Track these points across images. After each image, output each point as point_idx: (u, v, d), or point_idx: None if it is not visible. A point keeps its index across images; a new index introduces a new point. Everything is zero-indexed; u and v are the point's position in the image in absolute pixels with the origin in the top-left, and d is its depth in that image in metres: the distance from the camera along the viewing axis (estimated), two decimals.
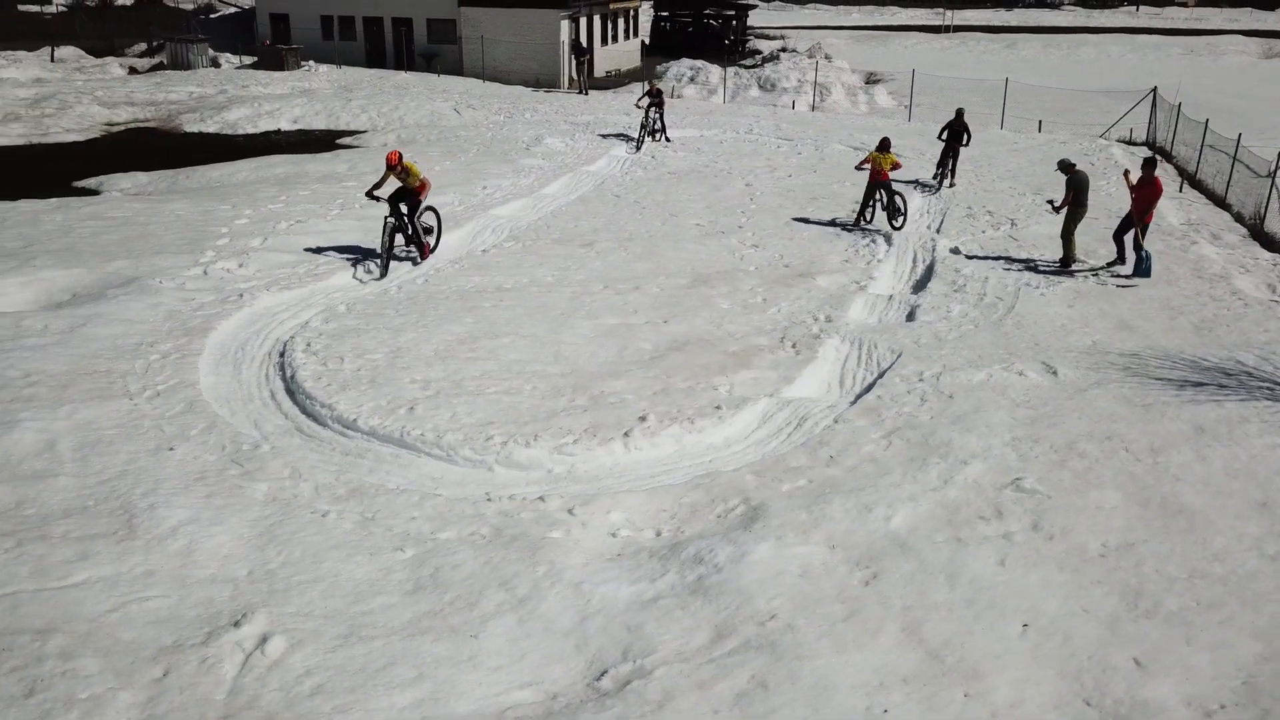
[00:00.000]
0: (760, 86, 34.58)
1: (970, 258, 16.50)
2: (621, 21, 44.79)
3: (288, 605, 6.36)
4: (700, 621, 6.53)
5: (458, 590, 6.69)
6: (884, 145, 19.13)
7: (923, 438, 9.48)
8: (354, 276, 13.72)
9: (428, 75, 35.81)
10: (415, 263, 14.25)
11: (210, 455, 8.16)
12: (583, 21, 39.07)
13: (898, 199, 18.28)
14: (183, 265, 12.85)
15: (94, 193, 18.35)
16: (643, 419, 9.56)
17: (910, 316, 13.68)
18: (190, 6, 57.65)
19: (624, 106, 31.65)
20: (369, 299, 12.69)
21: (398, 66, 37.70)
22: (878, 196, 18.23)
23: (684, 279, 14.68)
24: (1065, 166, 16.21)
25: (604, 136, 25.66)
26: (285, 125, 27.14)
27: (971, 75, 43.87)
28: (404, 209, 14.00)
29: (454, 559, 7.05)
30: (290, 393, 9.79)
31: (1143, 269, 15.23)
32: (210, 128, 26.52)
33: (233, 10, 43.48)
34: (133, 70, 36.31)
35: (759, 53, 57.72)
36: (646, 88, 23.95)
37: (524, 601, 6.63)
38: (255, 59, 36.13)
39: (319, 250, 14.24)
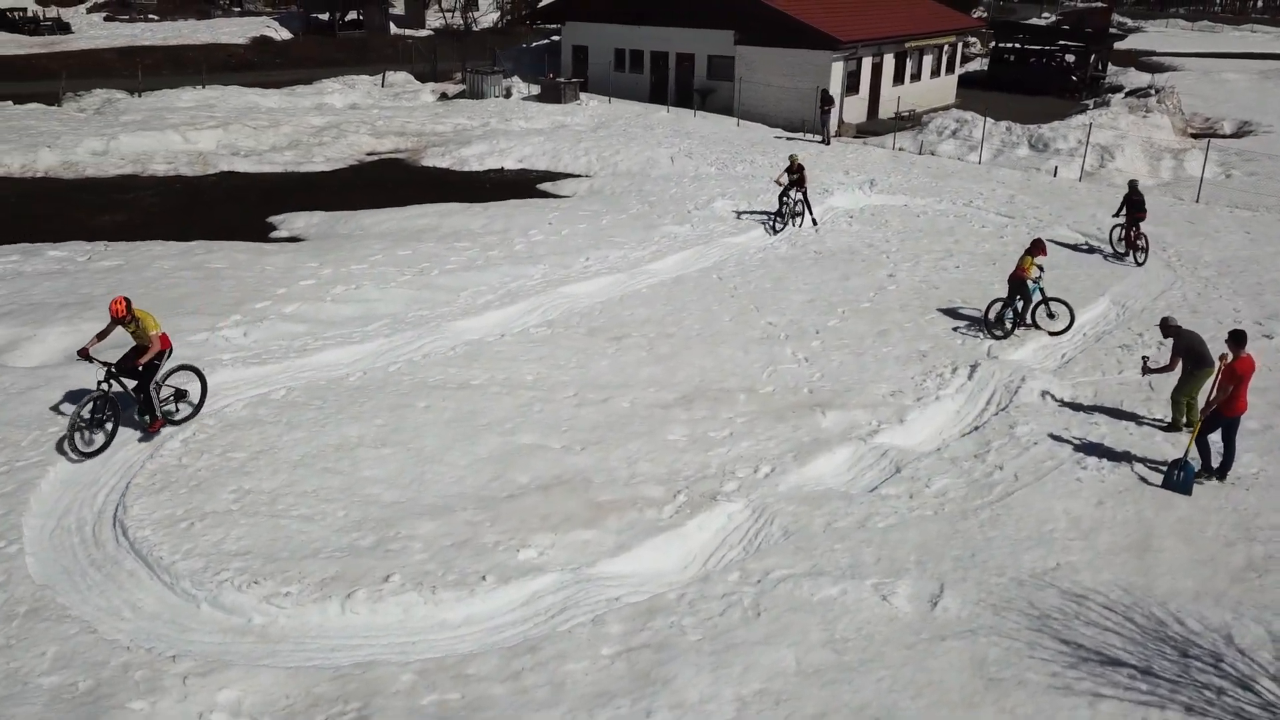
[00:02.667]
0: (1031, 145, 30.81)
1: (1062, 405, 13.79)
2: (928, 58, 42.06)
3: None
4: None
5: None
6: (1035, 247, 16.66)
7: (647, 668, 8.20)
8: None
9: (684, 114, 36.10)
10: (145, 435, 11.48)
11: None
12: (866, 62, 37.26)
13: (1047, 305, 16.77)
14: (200, 327, 14.27)
15: (266, 230, 20.80)
16: (386, 579, 9.19)
17: (879, 484, 11.75)
18: (554, 27, 62.73)
19: (862, 159, 29.85)
20: (312, 383, 13.25)
21: (678, 103, 38.37)
22: (1016, 300, 16.60)
23: (672, 394, 13.73)
24: (1168, 328, 13.00)
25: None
26: (510, 164, 28.78)
27: None
28: (134, 371, 11.22)
29: (9, 714, 7.32)
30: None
31: (1175, 480, 11.72)
32: (443, 163, 28.83)
33: (544, 41, 46.66)
34: (443, 96, 40.34)
35: (1119, 89, 51.58)
36: (787, 163, 22.35)
37: None
38: (540, 91, 38.58)
39: (334, 323, 15.07)
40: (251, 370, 13.34)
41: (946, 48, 43.89)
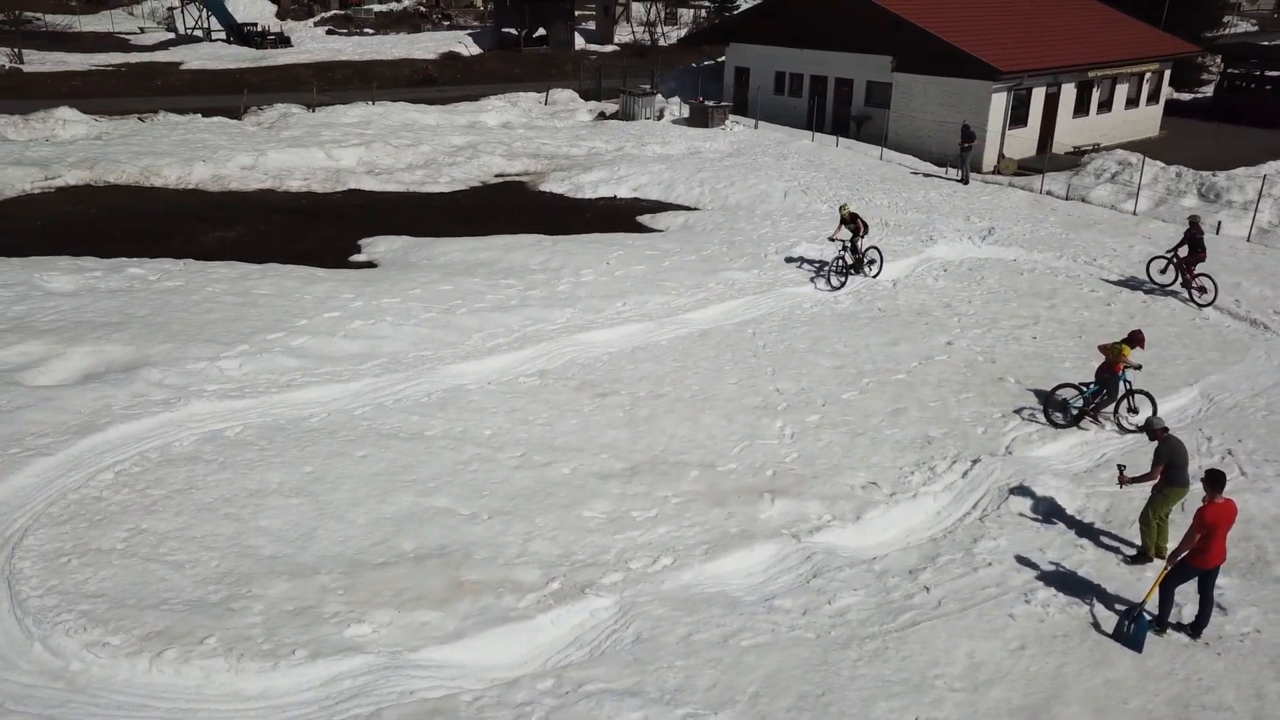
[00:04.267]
0: (1200, 195, 27.37)
1: (1040, 522, 12.25)
2: (1122, 86, 38.38)
3: None
4: None
5: None
6: (1133, 338, 14.89)
7: None
8: None
9: (827, 143, 34.74)
10: None
11: None
12: (1037, 93, 34.49)
13: (1131, 399, 15.08)
14: (204, 355, 15.13)
15: (349, 253, 21.84)
16: (202, 640, 9.40)
17: (779, 594, 10.83)
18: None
19: (995, 204, 27.67)
20: (272, 423, 13.73)
21: (834, 130, 37.11)
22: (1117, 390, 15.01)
23: (621, 464, 13.28)
24: (1154, 431, 11.26)
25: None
26: (623, 192, 28.76)
27: None
28: None
29: None
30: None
31: (1125, 632, 10.11)
32: (558, 188, 29.23)
33: (710, 62, 46.26)
34: (601, 115, 40.93)
35: None
36: (841, 214, 20.82)
37: None
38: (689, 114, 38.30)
39: (333, 359, 15.55)
40: (225, 404, 14.02)
41: (1149, 75, 39.88)
